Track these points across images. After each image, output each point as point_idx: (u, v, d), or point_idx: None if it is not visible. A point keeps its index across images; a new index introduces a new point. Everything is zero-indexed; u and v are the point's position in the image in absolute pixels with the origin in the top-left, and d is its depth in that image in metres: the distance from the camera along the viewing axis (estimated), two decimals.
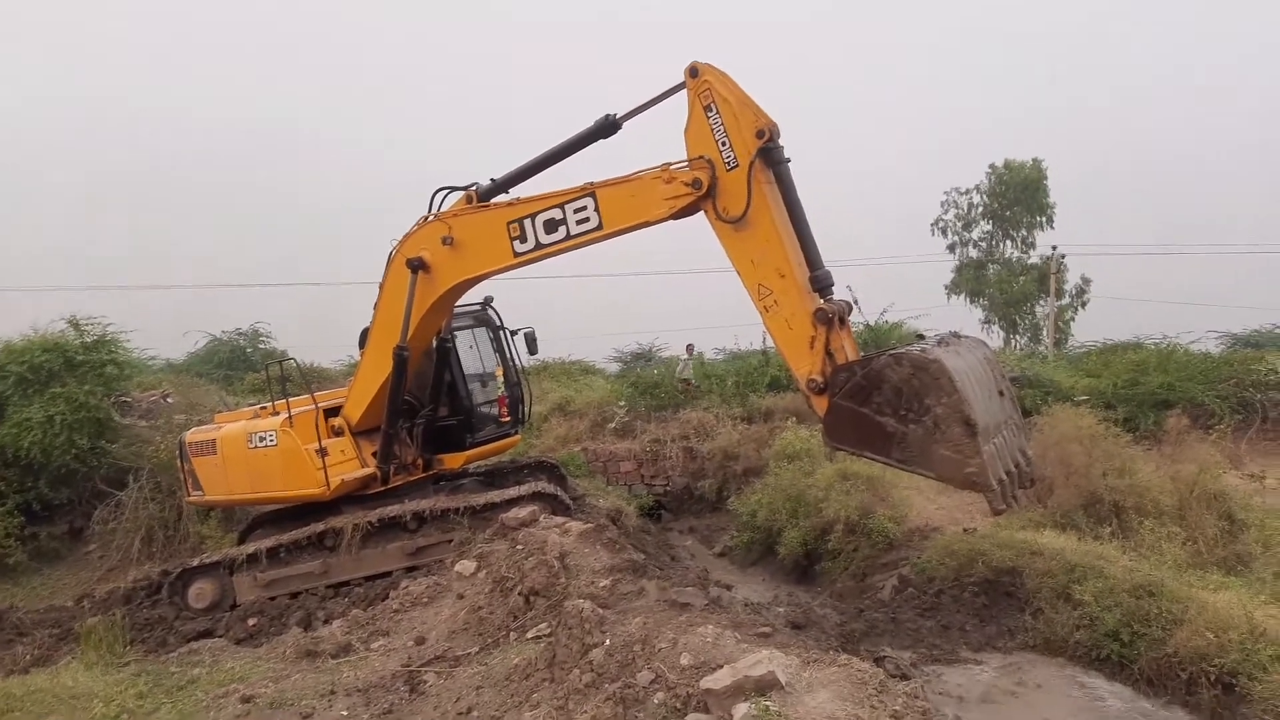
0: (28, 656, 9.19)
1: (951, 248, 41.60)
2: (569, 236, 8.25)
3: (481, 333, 11.46)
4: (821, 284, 7.19)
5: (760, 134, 7.17)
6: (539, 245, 8.40)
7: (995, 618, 8.84)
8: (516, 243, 8.50)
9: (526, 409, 12.00)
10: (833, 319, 6.90)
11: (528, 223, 8.40)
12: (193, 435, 10.87)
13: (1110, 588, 8.16)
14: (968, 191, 40.92)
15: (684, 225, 8.04)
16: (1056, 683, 7.62)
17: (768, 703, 4.30)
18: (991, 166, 40.17)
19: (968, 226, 41.26)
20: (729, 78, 7.35)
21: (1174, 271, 45.24)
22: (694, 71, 7.35)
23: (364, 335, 10.76)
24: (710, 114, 7.34)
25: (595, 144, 8.66)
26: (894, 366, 6.40)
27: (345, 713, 6.15)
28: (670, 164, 7.65)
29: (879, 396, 6.43)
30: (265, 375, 14.17)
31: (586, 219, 8.14)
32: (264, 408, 10.90)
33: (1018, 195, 39.24)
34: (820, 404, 6.90)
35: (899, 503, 12.04)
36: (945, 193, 41.47)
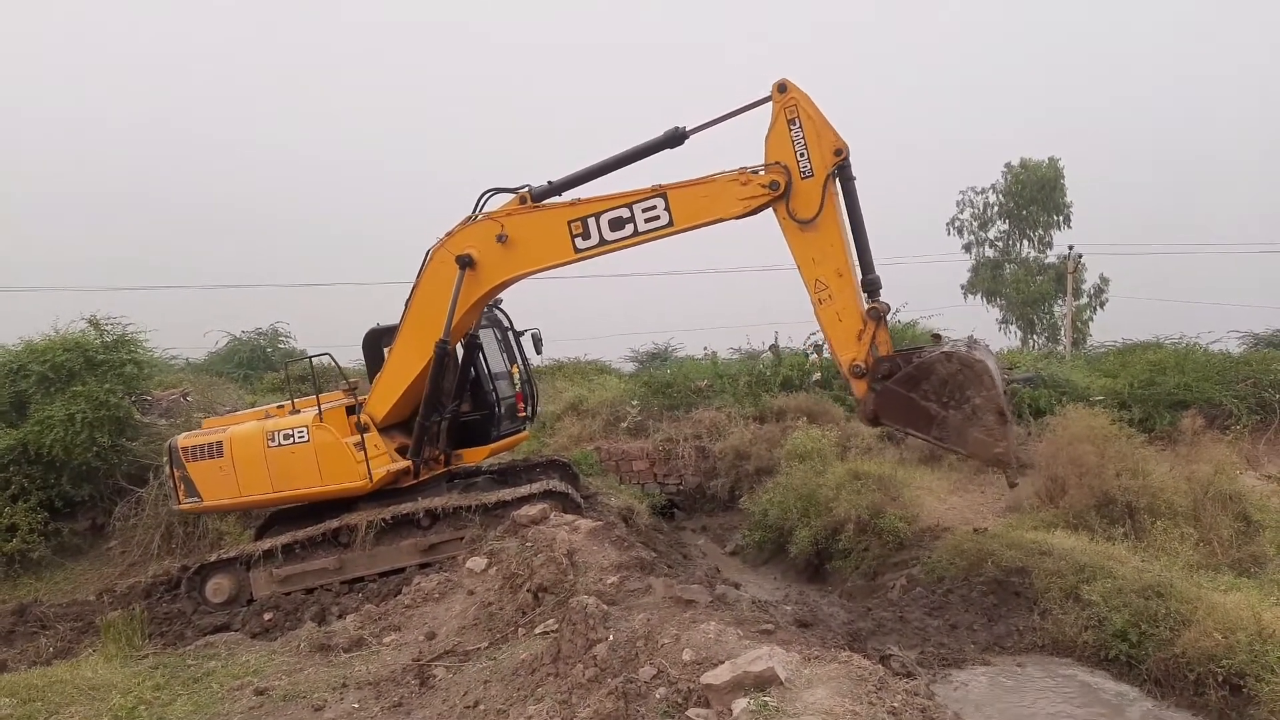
0: (50, 648, 9.40)
1: (967, 247, 41.46)
2: (636, 233, 8.91)
3: (490, 333, 11.61)
4: (872, 286, 8.38)
5: (838, 153, 8.26)
6: (603, 241, 9.00)
7: (1004, 617, 8.83)
8: (578, 239, 9.04)
9: (534, 406, 12.35)
10: (881, 317, 8.21)
11: (591, 221, 8.97)
12: (185, 440, 10.53)
13: (1119, 588, 8.14)
14: (983, 191, 40.76)
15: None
16: (1062, 682, 7.62)
17: (766, 698, 4.37)
18: (1008, 165, 40.00)
19: (984, 226, 41.08)
20: (810, 98, 8.28)
21: (1197, 270, 44.78)
22: (782, 87, 8.28)
23: (371, 336, 10.89)
24: (793, 127, 8.29)
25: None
26: (944, 362, 7.79)
27: (356, 705, 6.27)
28: (745, 168, 8.51)
29: (927, 385, 7.80)
30: (285, 372, 14.38)
31: (656, 217, 8.81)
32: (280, 407, 11.03)
33: (1034, 194, 39.04)
34: (859, 386, 8.28)
35: (910, 502, 12.05)
36: (961, 192, 41.34)
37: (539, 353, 12.27)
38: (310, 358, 11.02)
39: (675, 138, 8.94)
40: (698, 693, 4.67)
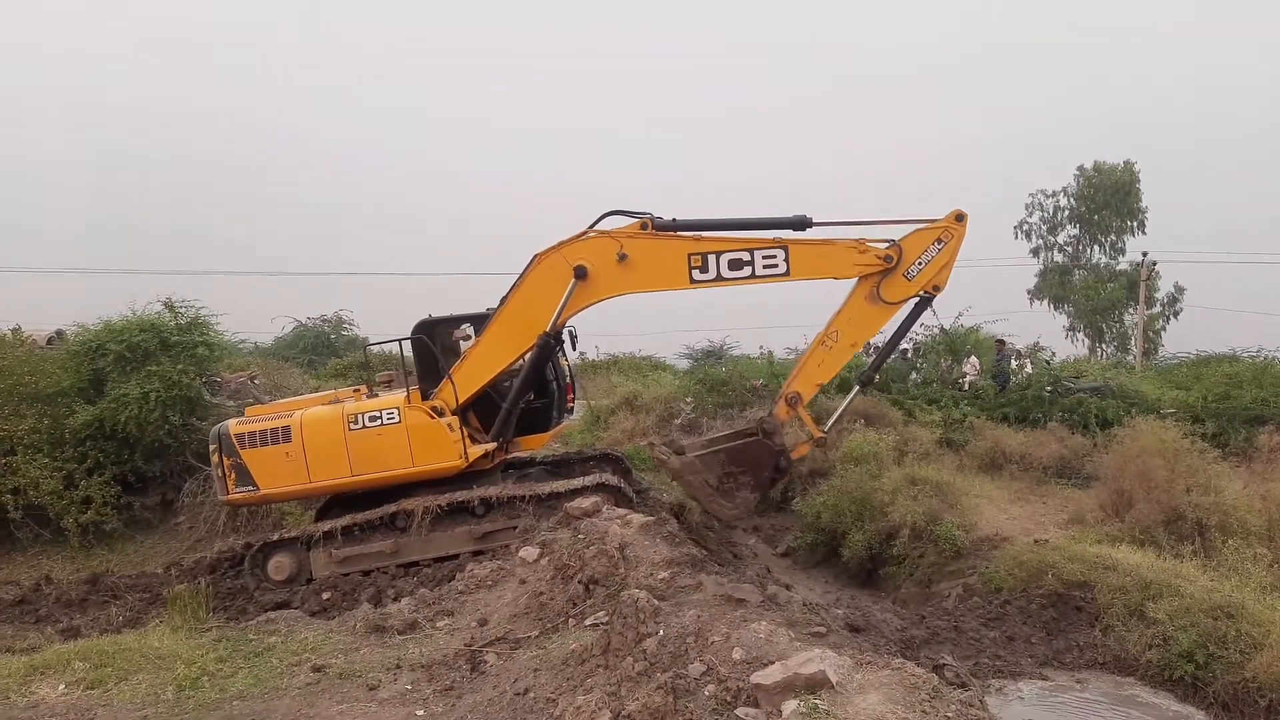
0: (119, 617, 9.75)
1: (1035, 252, 40.39)
2: (753, 275, 9.83)
3: None
4: (864, 380, 11.22)
5: (936, 288, 9.84)
6: (719, 278, 9.85)
7: (1063, 632, 8.62)
8: (696, 272, 9.84)
9: (574, 397, 12.99)
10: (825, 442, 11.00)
11: (711, 257, 9.82)
12: (239, 426, 10.32)
13: (1187, 607, 7.88)
14: (1054, 194, 39.66)
15: None
16: (1123, 701, 7.39)
17: (817, 700, 4.32)
18: (1080, 168, 38.85)
19: (1053, 230, 39.99)
20: (962, 242, 9.74)
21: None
22: (960, 217, 9.74)
23: (423, 326, 10.95)
24: (936, 245, 9.69)
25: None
26: (773, 476, 10.82)
27: (409, 687, 6.38)
28: (863, 239, 9.84)
29: (766, 472, 10.55)
30: (365, 355, 14.66)
31: (774, 265, 9.79)
32: (355, 390, 11.28)
33: (1107, 198, 37.85)
34: (783, 409, 10.33)
35: (968, 510, 11.80)
36: (1030, 195, 40.29)
37: (574, 349, 12.43)
38: (400, 340, 10.99)
39: (800, 223, 9.84)
40: (747, 692, 4.65)
